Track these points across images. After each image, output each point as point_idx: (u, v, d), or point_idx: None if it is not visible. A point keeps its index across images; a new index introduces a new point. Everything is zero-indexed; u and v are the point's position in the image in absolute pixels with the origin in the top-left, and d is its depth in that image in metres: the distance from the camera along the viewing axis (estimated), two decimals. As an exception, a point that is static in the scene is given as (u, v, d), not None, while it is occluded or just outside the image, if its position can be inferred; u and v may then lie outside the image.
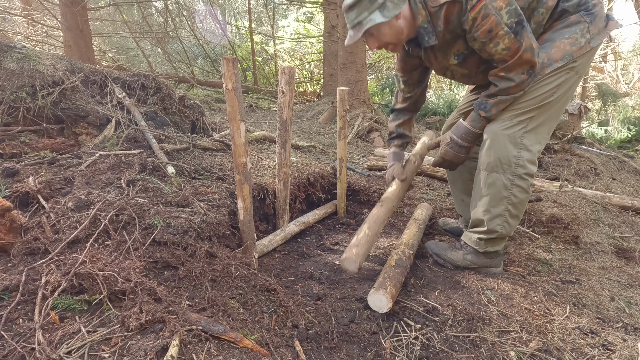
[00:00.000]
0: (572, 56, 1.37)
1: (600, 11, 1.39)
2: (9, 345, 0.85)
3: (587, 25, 1.37)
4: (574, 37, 1.37)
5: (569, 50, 1.37)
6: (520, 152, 1.43)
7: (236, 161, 1.44)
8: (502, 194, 1.47)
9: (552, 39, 1.40)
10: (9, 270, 1.09)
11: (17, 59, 2.06)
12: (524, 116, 1.43)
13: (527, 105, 1.42)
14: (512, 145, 1.43)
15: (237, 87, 1.36)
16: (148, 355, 0.84)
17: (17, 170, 1.57)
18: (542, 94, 1.41)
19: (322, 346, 1.16)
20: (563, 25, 1.40)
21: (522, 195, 1.48)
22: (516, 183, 1.46)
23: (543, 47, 1.41)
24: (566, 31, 1.38)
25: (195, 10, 10.25)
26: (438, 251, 1.67)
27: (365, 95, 5.35)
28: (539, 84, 1.41)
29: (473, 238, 1.59)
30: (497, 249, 1.58)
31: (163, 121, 2.47)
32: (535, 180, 2.92)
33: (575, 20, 1.38)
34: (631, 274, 1.79)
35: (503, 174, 1.45)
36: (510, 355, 1.16)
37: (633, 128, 6.38)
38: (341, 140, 2.30)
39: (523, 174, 1.45)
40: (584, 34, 1.37)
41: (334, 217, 2.42)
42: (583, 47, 1.37)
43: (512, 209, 1.49)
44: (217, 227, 1.51)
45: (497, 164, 1.46)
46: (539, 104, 1.42)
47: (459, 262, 1.60)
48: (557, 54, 1.37)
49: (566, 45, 1.37)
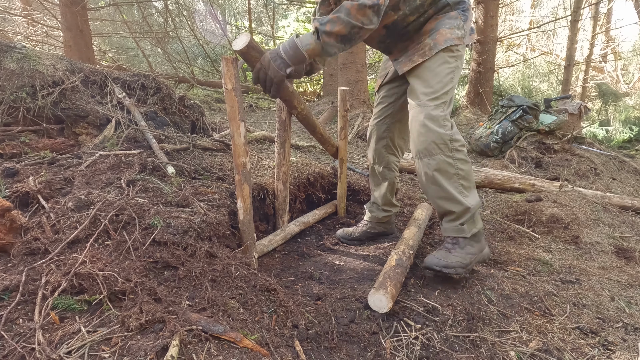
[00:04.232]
0: (452, 42, 1.51)
1: (470, 17, 1.61)
2: (9, 345, 0.85)
3: (461, 22, 1.56)
4: (452, 29, 1.54)
5: (450, 37, 1.52)
6: (447, 130, 1.50)
7: (236, 161, 1.44)
8: (451, 172, 1.52)
9: (437, 28, 1.55)
10: (9, 270, 1.09)
11: (17, 59, 2.06)
12: (439, 100, 1.52)
13: (438, 89, 1.52)
14: (439, 127, 1.50)
15: (237, 87, 1.36)
16: (148, 355, 0.84)
17: (17, 170, 1.57)
18: (443, 77, 1.53)
19: (322, 346, 1.16)
20: (446, 17, 1.56)
21: (466, 166, 1.55)
22: (457, 157, 1.52)
23: (430, 35, 1.55)
24: (447, 22, 1.54)
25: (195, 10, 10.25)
26: (444, 263, 1.51)
27: (365, 95, 5.35)
28: (436, 66, 1.53)
29: (455, 227, 1.58)
30: (480, 228, 1.60)
31: (163, 121, 2.47)
32: (535, 180, 2.92)
33: (455, 15, 1.56)
34: (631, 274, 1.79)
35: (442, 154, 1.51)
36: (510, 355, 1.16)
37: (635, 128, 6.39)
38: (342, 140, 2.30)
39: (458, 147, 1.52)
40: (459, 28, 1.55)
41: (334, 217, 2.42)
42: (459, 39, 1.54)
43: (464, 182, 1.55)
44: (217, 227, 1.51)
45: (432, 147, 1.51)
46: (445, 89, 1.53)
47: (466, 261, 1.53)
48: (440, 39, 1.52)
49: (447, 33, 1.52)
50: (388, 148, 1.93)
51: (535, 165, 3.71)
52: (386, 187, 1.97)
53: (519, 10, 13.90)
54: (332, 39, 1.37)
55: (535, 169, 3.66)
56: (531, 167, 3.68)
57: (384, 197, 1.99)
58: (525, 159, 3.78)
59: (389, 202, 2.01)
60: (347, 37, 1.38)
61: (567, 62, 7.09)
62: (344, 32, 1.36)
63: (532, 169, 3.64)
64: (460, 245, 1.56)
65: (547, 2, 13.63)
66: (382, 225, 2.05)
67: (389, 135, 1.90)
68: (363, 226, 2.06)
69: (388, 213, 2.03)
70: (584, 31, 10.78)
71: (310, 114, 1.89)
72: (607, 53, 11.04)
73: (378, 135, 1.92)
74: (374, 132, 1.93)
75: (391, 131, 1.89)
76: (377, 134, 1.92)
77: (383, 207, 2.01)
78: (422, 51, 1.55)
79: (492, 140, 4.04)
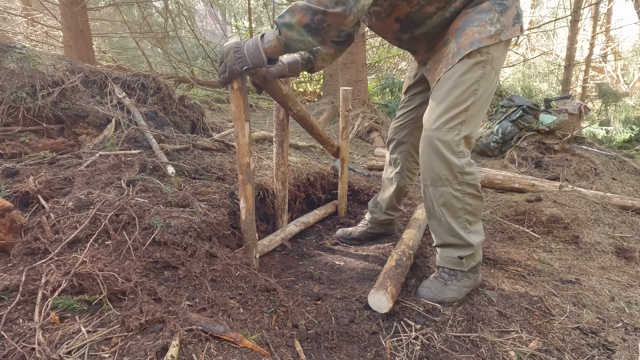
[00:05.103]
0: (481, 43, 1.27)
1: (512, 5, 1.31)
2: (9, 345, 0.85)
3: (497, 14, 1.28)
4: (483, 25, 1.28)
5: (477, 37, 1.27)
6: (461, 160, 1.34)
7: (240, 161, 1.44)
8: (457, 207, 1.38)
9: (463, 27, 1.31)
10: (9, 270, 1.09)
11: (17, 59, 2.06)
12: (454, 121, 1.32)
13: (455, 106, 1.32)
14: (451, 154, 1.33)
15: (243, 87, 1.35)
16: (148, 355, 0.84)
17: (17, 170, 1.57)
18: (463, 92, 1.31)
19: (322, 346, 1.16)
20: (475, 12, 1.31)
21: (476, 202, 1.39)
22: (466, 191, 1.37)
23: (456, 36, 1.32)
24: (476, 18, 1.29)
25: (195, 10, 10.24)
26: (440, 298, 1.40)
27: (365, 95, 5.35)
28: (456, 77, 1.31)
29: (452, 259, 1.45)
30: (478, 261, 1.48)
31: (163, 121, 2.47)
32: (535, 180, 2.92)
33: (487, 8, 1.29)
34: (631, 274, 1.79)
35: (450, 186, 1.36)
36: (510, 355, 1.16)
37: (635, 128, 6.39)
38: (343, 140, 2.30)
39: (470, 180, 1.36)
40: (493, 23, 1.28)
41: (334, 217, 2.42)
42: (492, 37, 1.28)
43: (470, 217, 1.40)
44: (217, 227, 1.51)
45: (440, 177, 1.36)
46: (464, 105, 1.32)
47: (461, 296, 1.43)
48: (465, 42, 1.29)
49: (475, 33, 1.28)
50: (407, 154, 1.81)
51: (535, 165, 3.71)
52: (393, 191, 1.88)
53: (519, 10, 13.88)
54: (293, 32, 1.18)
55: (535, 169, 3.66)
56: (531, 167, 3.69)
57: (389, 201, 1.91)
58: (525, 159, 3.78)
59: (393, 206, 1.94)
60: (310, 26, 1.16)
61: (567, 62, 7.10)
62: (306, 21, 1.15)
63: (532, 169, 3.64)
64: (457, 278, 1.44)
65: (547, 2, 13.64)
66: (383, 226, 2.03)
67: (410, 140, 1.78)
68: (363, 226, 2.05)
69: (390, 217, 1.98)
70: (584, 31, 10.79)
71: (308, 115, 1.87)
72: (607, 53, 11.04)
73: (398, 139, 1.81)
74: (394, 135, 1.83)
75: (413, 136, 1.76)
76: (398, 138, 1.81)
77: (386, 211, 1.95)
78: (447, 58, 1.34)
79: (492, 140, 4.05)
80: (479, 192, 1.39)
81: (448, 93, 1.32)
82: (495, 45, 1.29)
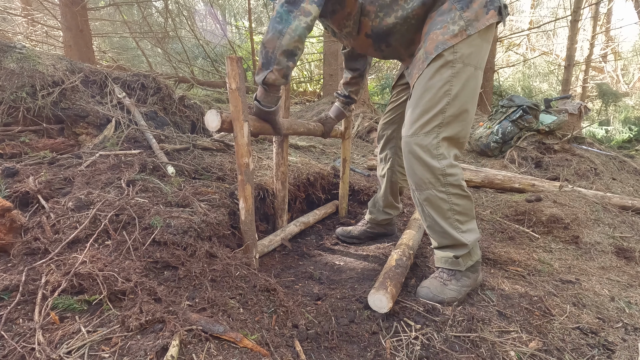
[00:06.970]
0: (445, 45, 1.28)
1: None
2: (9, 345, 0.85)
3: (457, 12, 1.29)
4: (445, 26, 1.29)
5: (441, 39, 1.28)
6: (441, 162, 1.34)
7: (239, 161, 1.44)
8: (444, 208, 1.39)
9: (429, 31, 1.33)
10: (9, 270, 1.09)
11: (17, 59, 2.06)
12: (429, 125, 1.33)
13: (428, 110, 1.33)
14: (430, 158, 1.34)
15: (241, 87, 1.35)
16: (148, 355, 0.84)
17: (17, 170, 1.57)
18: (434, 95, 1.31)
19: (322, 346, 1.16)
20: (437, 14, 1.32)
21: (463, 201, 1.39)
22: (451, 192, 1.37)
23: (424, 41, 1.34)
24: (439, 21, 1.31)
25: (195, 10, 10.24)
26: (439, 298, 1.41)
27: (365, 95, 5.35)
28: (425, 81, 1.32)
29: (449, 259, 1.46)
30: (477, 259, 1.48)
31: (163, 121, 2.47)
32: (535, 180, 2.92)
33: (447, 9, 1.30)
34: (631, 274, 1.79)
35: (434, 189, 1.37)
36: (510, 355, 1.16)
37: (635, 128, 6.40)
38: (345, 140, 2.30)
39: (453, 181, 1.36)
40: (455, 22, 1.28)
41: (334, 217, 2.42)
42: (457, 35, 1.27)
43: (461, 217, 1.41)
44: (217, 227, 1.51)
45: (423, 180, 1.37)
46: (438, 107, 1.32)
47: (460, 295, 1.44)
48: (430, 46, 1.31)
49: (438, 36, 1.29)
50: (397, 149, 1.85)
51: (535, 165, 3.72)
52: (386, 186, 1.92)
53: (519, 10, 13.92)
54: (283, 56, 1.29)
55: (535, 169, 3.66)
56: (531, 167, 3.69)
57: (385, 198, 1.95)
58: (525, 159, 3.78)
59: (389, 203, 1.96)
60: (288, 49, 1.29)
61: (567, 62, 7.10)
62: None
63: (532, 169, 3.65)
64: (456, 278, 1.44)
65: (547, 2, 13.65)
66: (382, 227, 2.04)
67: (399, 135, 1.79)
68: (362, 225, 2.05)
69: (388, 216, 1.99)
70: (584, 31, 10.80)
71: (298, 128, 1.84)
72: (607, 53, 11.05)
73: (387, 135, 1.85)
74: (383, 132, 1.87)
75: (400, 132, 1.79)
76: (387, 134, 1.85)
77: (384, 209, 1.97)
78: (418, 65, 1.37)
79: (492, 140, 4.05)
80: (464, 192, 1.40)
81: (420, 98, 1.34)
82: (463, 42, 1.29)
